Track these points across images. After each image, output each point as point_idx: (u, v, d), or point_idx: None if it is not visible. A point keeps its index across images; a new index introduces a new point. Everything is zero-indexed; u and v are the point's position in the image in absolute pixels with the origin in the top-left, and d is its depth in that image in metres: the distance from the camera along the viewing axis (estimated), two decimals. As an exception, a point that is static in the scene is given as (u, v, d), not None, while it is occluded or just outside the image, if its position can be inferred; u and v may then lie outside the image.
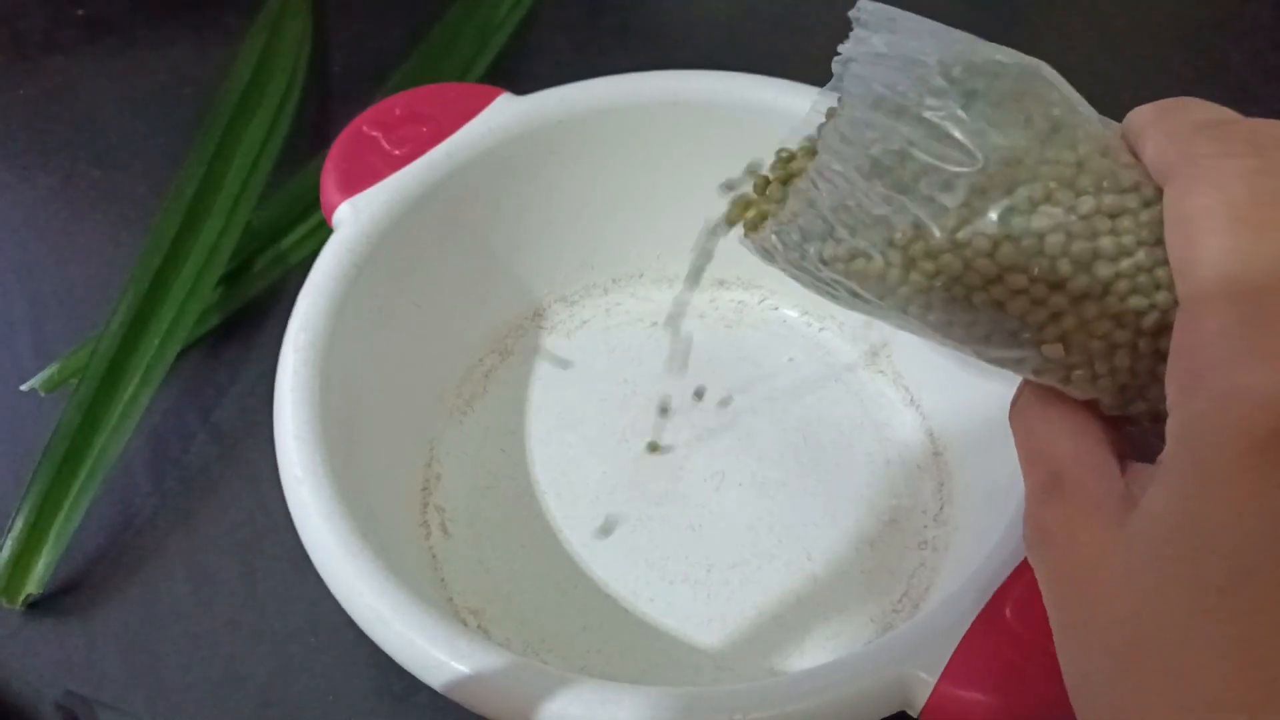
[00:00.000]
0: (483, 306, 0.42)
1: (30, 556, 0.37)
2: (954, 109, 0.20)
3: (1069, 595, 0.20)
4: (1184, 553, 0.18)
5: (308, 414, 0.32)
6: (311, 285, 0.35)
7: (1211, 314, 0.18)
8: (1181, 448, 0.18)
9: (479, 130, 0.38)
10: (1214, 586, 0.17)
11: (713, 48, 0.56)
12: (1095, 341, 0.21)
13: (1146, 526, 0.19)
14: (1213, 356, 0.18)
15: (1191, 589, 0.18)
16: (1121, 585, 0.19)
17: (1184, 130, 0.20)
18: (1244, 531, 0.17)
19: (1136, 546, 0.19)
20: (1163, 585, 0.18)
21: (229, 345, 0.44)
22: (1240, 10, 0.56)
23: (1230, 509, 0.17)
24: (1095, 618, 0.19)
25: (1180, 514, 0.18)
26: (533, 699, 0.26)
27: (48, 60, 0.55)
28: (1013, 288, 0.21)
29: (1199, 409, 0.18)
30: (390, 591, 0.29)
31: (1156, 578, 0.18)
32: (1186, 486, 0.18)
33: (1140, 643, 0.18)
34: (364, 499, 0.32)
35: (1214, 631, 0.17)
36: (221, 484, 0.40)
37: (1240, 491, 0.17)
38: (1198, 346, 0.18)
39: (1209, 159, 0.19)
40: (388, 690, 0.35)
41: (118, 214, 0.49)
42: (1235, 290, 0.18)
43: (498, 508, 0.38)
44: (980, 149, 0.20)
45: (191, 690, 0.36)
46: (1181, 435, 0.18)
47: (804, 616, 0.35)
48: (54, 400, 0.41)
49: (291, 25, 0.53)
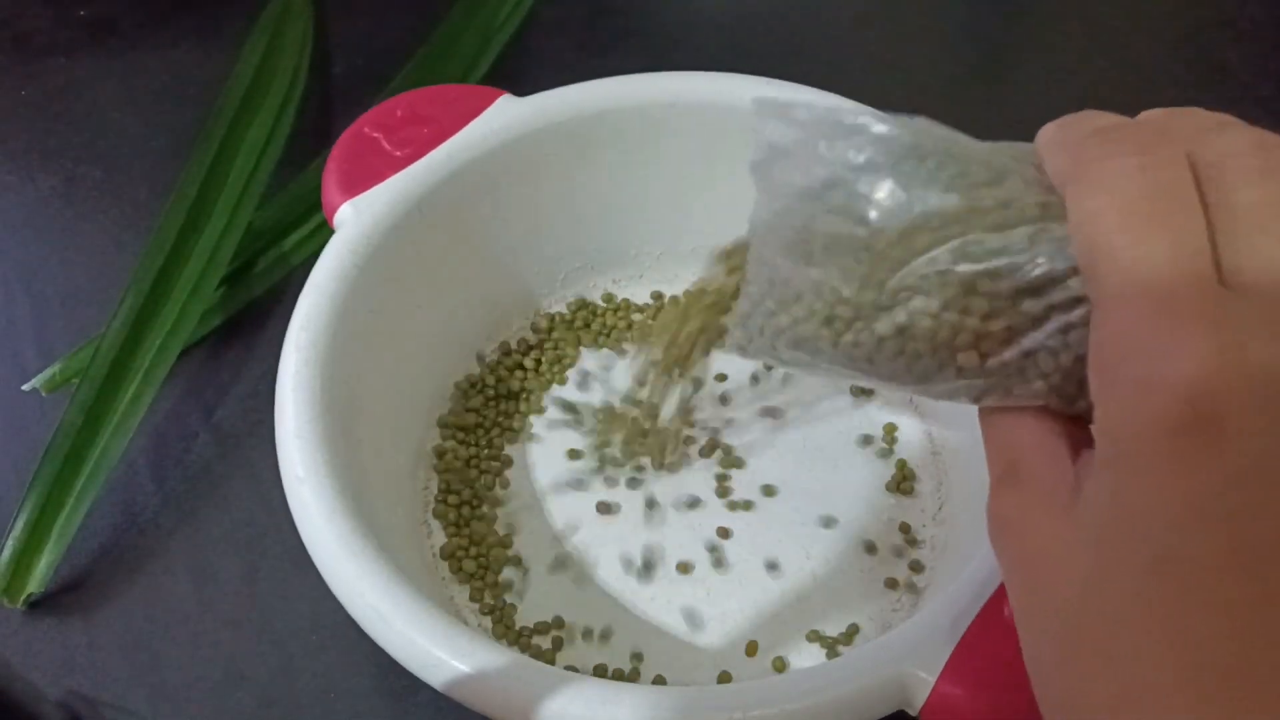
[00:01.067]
0: (483, 306, 0.42)
1: (32, 556, 0.37)
2: (853, 184, 0.21)
3: (1022, 583, 0.20)
4: (1113, 539, 0.18)
5: (309, 414, 0.32)
6: (313, 285, 0.35)
7: (1117, 311, 0.19)
8: (1106, 440, 0.19)
9: (480, 131, 0.38)
10: (1142, 572, 0.18)
11: (712, 49, 0.56)
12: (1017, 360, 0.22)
13: (1085, 514, 0.19)
14: (1123, 351, 0.18)
15: (1122, 575, 0.18)
16: (1065, 572, 0.19)
17: (1077, 139, 0.20)
18: (1166, 517, 0.18)
19: (1077, 534, 0.19)
20: (1097, 572, 0.19)
21: (231, 345, 0.44)
22: (1240, 11, 0.56)
23: (1151, 497, 0.18)
24: (1043, 604, 0.20)
25: (1108, 503, 0.19)
26: (533, 698, 0.27)
27: (50, 62, 0.55)
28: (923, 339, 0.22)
29: (1116, 402, 0.18)
30: (391, 590, 0.29)
31: (1092, 564, 0.19)
32: (1112, 476, 0.19)
33: (1080, 629, 0.19)
34: (365, 498, 0.32)
35: (1145, 617, 0.18)
36: (223, 483, 0.40)
37: (1160, 479, 0.18)
38: (1109, 343, 0.19)
39: (1097, 162, 0.19)
40: (388, 689, 0.35)
41: (120, 214, 0.49)
42: (1135, 285, 0.18)
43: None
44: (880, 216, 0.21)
45: (193, 689, 0.36)
46: (1105, 428, 0.19)
47: (804, 616, 0.35)
48: (56, 400, 0.42)
49: (293, 26, 0.53)
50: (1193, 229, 0.18)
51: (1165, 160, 0.19)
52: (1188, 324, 0.18)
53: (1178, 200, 0.19)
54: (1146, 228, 0.18)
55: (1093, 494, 0.19)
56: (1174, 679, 0.17)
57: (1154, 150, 0.19)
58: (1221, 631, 0.17)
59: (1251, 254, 0.18)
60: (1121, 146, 0.19)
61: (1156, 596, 0.18)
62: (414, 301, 0.38)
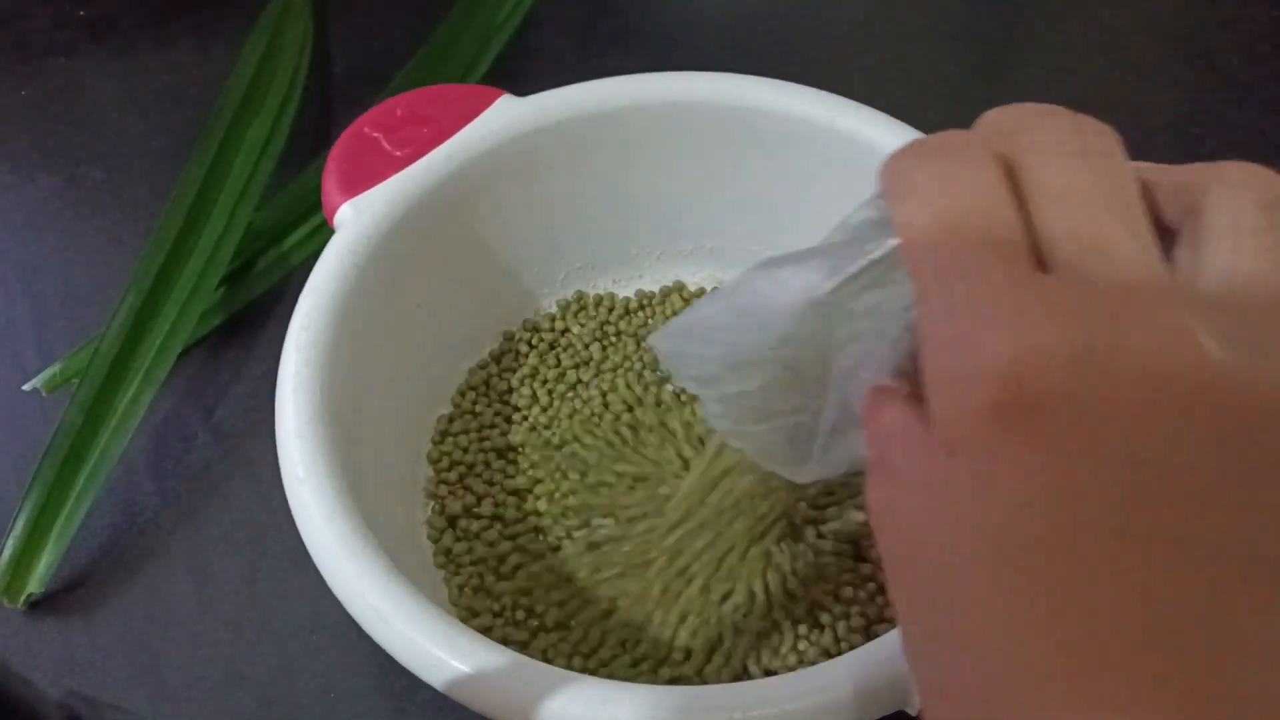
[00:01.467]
0: (483, 307, 0.42)
1: (32, 556, 0.37)
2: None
3: (891, 573, 0.21)
4: (954, 529, 0.19)
5: (309, 414, 0.32)
6: (313, 286, 0.35)
7: (931, 308, 0.19)
8: (938, 431, 0.19)
9: (480, 131, 0.38)
10: (979, 560, 0.18)
11: (712, 49, 0.56)
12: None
13: (935, 505, 0.20)
14: (938, 345, 0.19)
15: (963, 564, 0.18)
16: (922, 563, 0.20)
17: (896, 156, 0.21)
18: (995, 505, 0.18)
19: (931, 524, 0.20)
20: (944, 562, 0.19)
21: (231, 345, 0.44)
22: (1240, 10, 0.56)
23: (980, 485, 0.18)
24: (908, 595, 0.20)
25: (948, 493, 0.19)
26: (533, 698, 0.27)
27: (50, 61, 0.55)
28: None
29: (938, 396, 0.19)
30: (391, 590, 0.29)
31: (940, 554, 0.19)
32: (943, 465, 0.19)
33: (937, 618, 0.19)
34: (365, 499, 0.32)
35: (985, 606, 0.18)
36: (223, 484, 0.40)
37: (985, 467, 0.18)
38: (928, 339, 0.19)
39: (908, 173, 0.20)
40: (389, 689, 0.35)
41: (120, 214, 0.49)
42: (945, 282, 0.19)
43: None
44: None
45: (193, 689, 0.36)
46: (935, 420, 0.19)
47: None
48: (56, 400, 0.42)
49: (293, 26, 0.53)
50: (999, 220, 0.19)
51: (971, 158, 0.19)
52: (997, 312, 0.18)
53: (982, 195, 0.19)
54: (952, 225, 0.19)
55: (938, 484, 0.19)
56: (1018, 664, 0.17)
57: (960, 151, 0.20)
58: (1055, 615, 0.17)
59: (1066, 236, 0.19)
60: (931, 154, 0.20)
61: (993, 584, 0.18)
62: (414, 301, 0.38)
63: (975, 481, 0.18)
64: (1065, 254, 0.19)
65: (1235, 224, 0.19)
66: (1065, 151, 0.19)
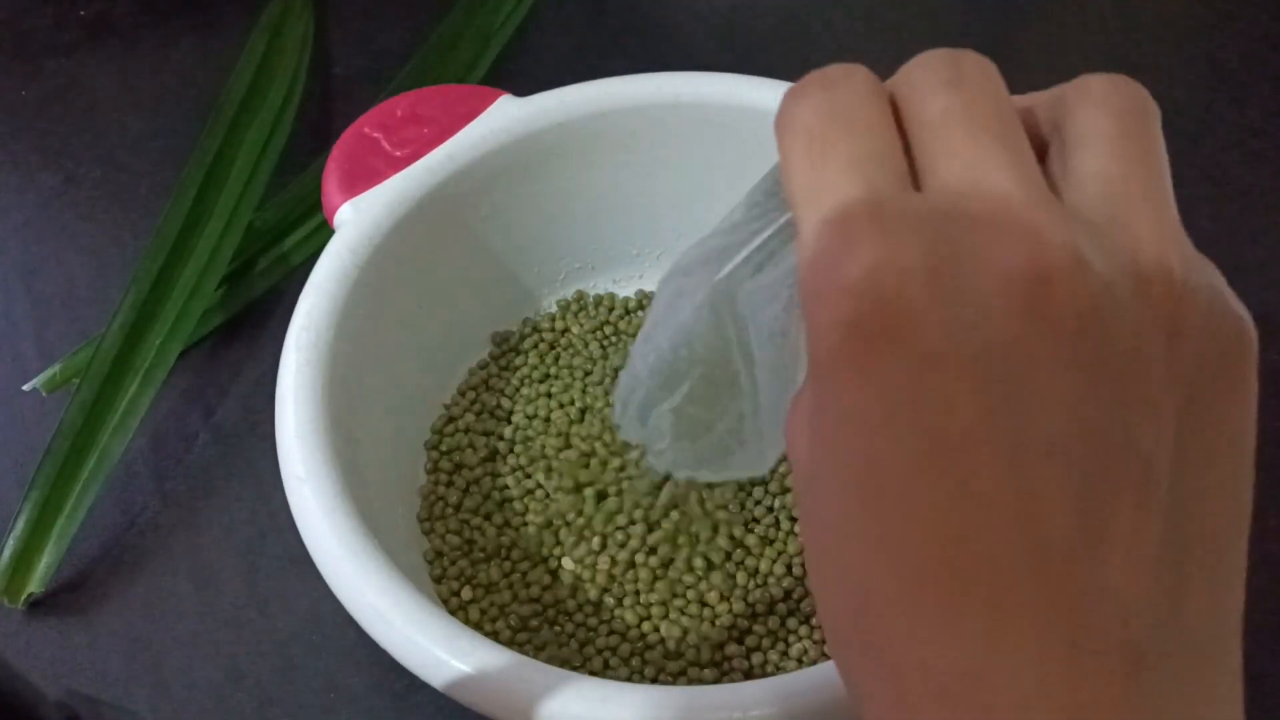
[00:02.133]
0: (483, 307, 0.42)
1: (32, 556, 0.37)
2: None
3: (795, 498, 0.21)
4: (822, 456, 0.19)
5: (310, 414, 0.32)
6: (313, 286, 0.35)
7: (804, 233, 0.19)
8: (810, 357, 0.19)
9: (480, 132, 0.38)
10: (849, 484, 0.18)
11: (713, 49, 0.56)
12: None
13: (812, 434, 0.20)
14: (807, 268, 0.19)
15: (836, 490, 0.18)
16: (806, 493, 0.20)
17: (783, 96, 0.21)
18: (860, 424, 0.18)
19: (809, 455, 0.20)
20: (819, 488, 0.19)
21: (231, 345, 0.44)
22: (1240, 11, 0.56)
23: (845, 404, 0.18)
24: (802, 522, 0.20)
25: (815, 420, 0.19)
26: (533, 697, 0.27)
27: (50, 61, 0.55)
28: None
29: (808, 318, 0.19)
30: (391, 590, 0.29)
31: (815, 482, 0.19)
32: (812, 392, 0.19)
33: (821, 547, 0.19)
34: (365, 498, 0.32)
35: (860, 530, 0.18)
36: (223, 484, 0.40)
37: (848, 385, 0.18)
38: (801, 265, 0.19)
39: (789, 107, 0.20)
40: (389, 689, 0.35)
41: (120, 215, 0.49)
42: (815, 206, 0.19)
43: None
44: None
45: (193, 689, 0.36)
46: (808, 346, 0.19)
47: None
48: (56, 400, 0.42)
49: (293, 26, 0.53)
50: (872, 144, 0.19)
51: (853, 90, 0.20)
52: (861, 229, 0.18)
53: (855, 122, 0.19)
54: (823, 150, 0.19)
55: (814, 414, 0.19)
56: (895, 588, 0.18)
57: (843, 81, 0.20)
58: (924, 533, 0.17)
59: (941, 155, 0.19)
60: (809, 88, 0.20)
61: (864, 508, 0.18)
62: (414, 301, 0.38)
63: (841, 402, 0.18)
64: (941, 174, 0.19)
65: (1095, 131, 0.19)
66: (942, 80, 0.19)
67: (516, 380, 0.41)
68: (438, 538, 0.37)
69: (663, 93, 0.39)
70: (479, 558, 0.37)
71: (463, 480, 0.39)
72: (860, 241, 0.18)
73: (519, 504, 0.38)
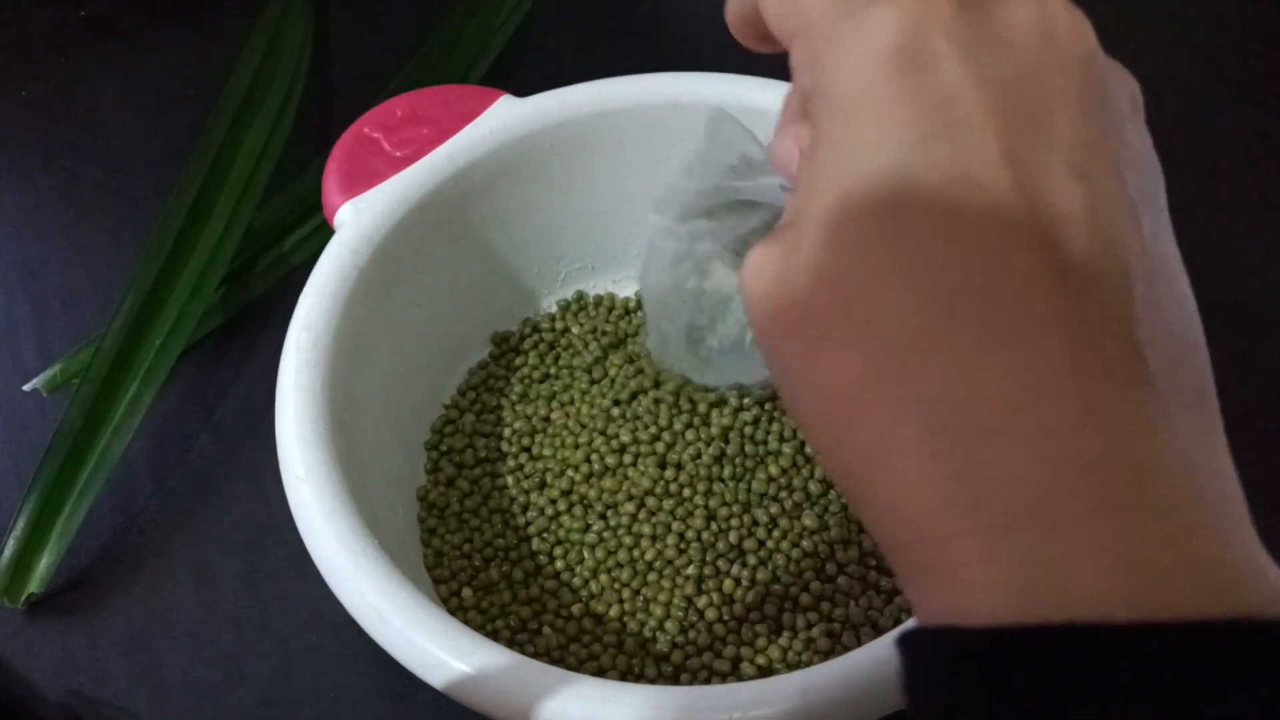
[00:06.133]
0: (483, 307, 0.42)
1: (33, 556, 0.37)
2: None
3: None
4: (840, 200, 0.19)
5: (310, 414, 0.32)
6: (313, 286, 0.35)
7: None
8: (817, 100, 0.20)
9: (480, 132, 0.38)
10: (872, 208, 0.18)
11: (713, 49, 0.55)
12: None
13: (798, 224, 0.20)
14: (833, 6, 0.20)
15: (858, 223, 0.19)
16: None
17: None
18: (886, 148, 0.18)
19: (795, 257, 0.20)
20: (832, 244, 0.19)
21: (231, 345, 0.44)
22: (1240, 11, 0.56)
23: (857, 138, 0.19)
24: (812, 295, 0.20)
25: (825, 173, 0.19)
26: (533, 698, 0.27)
27: (50, 62, 0.55)
28: None
29: (830, 54, 0.19)
30: (391, 590, 0.29)
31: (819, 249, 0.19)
32: (828, 141, 0.19)
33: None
34: (365, 498, 0.32)
35: (878, 259, 0.18)
36: (223, 484, 0.40)
37: (869, 115, 0.19)
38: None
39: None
40: (389, 689, 0.35)
41: (120, 215, 0.49)
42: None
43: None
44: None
45: (193, 689, 0.36)
46: (815, 86, 0.20)
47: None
48: (57, 400, 0.42)
49: (293, 27, 0.53)
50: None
51: None
52: None
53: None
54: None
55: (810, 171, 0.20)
56: (926, 326, 0.18)
57: None
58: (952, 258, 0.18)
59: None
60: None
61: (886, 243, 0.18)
62: (414, 301, 0.38)
63: (858, 138, 0.19)
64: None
65: None
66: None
67: (516, 380, 0.41)
68: (438, 538, 0.37)
69: (663, 93, 0.39)
70: (479, 558, 0.37)
71: (463, 480, 0.39)
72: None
73: (519, 504, 0.38)
